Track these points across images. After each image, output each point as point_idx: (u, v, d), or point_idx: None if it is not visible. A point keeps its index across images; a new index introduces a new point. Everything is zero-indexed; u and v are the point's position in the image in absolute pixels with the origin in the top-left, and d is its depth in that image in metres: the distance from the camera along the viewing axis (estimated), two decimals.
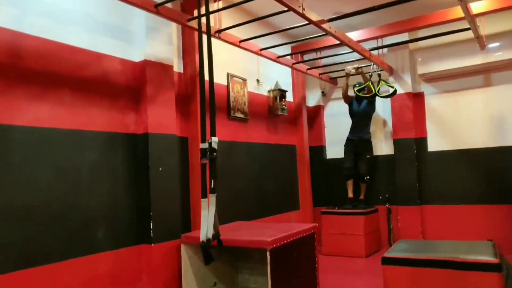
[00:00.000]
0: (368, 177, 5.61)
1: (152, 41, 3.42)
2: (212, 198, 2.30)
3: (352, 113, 5.75)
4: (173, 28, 3.75)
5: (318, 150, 6.34)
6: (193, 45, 3.85)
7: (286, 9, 3.27)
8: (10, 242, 2.46)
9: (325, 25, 3.69)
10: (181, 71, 3.89)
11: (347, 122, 5.89)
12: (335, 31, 3.89)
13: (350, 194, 5.72)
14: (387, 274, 2.66)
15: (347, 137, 5.78)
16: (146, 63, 3.35)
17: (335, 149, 6.25)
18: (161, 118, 3.42)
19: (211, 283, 3.67)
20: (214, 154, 2.31)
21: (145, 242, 3.25)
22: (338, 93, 6.20)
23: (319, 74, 5.70)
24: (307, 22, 3.58)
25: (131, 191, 3.26)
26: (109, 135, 3.14)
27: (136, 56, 3.37)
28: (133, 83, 3.34)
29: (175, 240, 3.39)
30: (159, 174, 3.34)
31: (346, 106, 5.87)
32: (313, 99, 6.45)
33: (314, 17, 3.51)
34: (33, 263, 2.55)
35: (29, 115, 2.62)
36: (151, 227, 3.22)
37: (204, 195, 2.34)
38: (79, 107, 2.94)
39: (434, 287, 2.57)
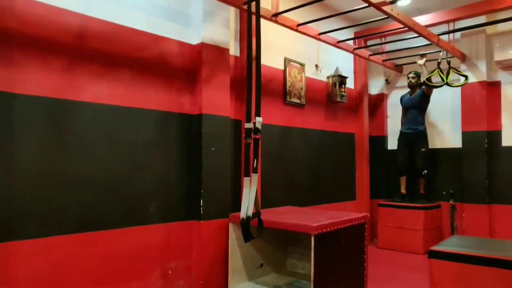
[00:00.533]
0: (425, 171, 5.31)
1: (209, 24, 3.49)
2: (254, 177, 2.33)
3: (402, 104, 5.51)
4: (231, 12, 3.80)
5: (379, 140, 6.11)
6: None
7: None
8: (72, 206, 2.70)
9: (386, 7, 3.52)
10: (238, 54, 3.94)
11: None
12: (398, 14, 3.69)
13: (403, 190, 5.50)
14: (433, 269, 2.52)
15: (400, 130, 5.53)
16: (202, 46, 3.43)
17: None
18: (216, 100, 3.51)
19: (258, 264, 3.73)
20: (258, 134, 2.34)
21: (195, 218, 3.38)
22: (403, 81, 5.90)
23: (383, 60, 5.45)
24: (366, 4, 3.44)
25: (184, 168, 3.40)
26: (165, 114, 3.29)
27: (193, 38, 3.47)
28: (189, 65, 3.45)
29: (224, 219, 3.48)
30: (211, 153, 3.44)
31: None
32: (376, 87, 6.20)
33: None
34: (91, 227, 2.78)
35: (91, 92, 2.82)
36: (201, 204, 3.34)
37: (247, 174, 2.37)
38: (138, 86, 3.10)
39: (483, 287, 2.37)
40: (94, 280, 2.78)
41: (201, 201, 3.35)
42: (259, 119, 2.32)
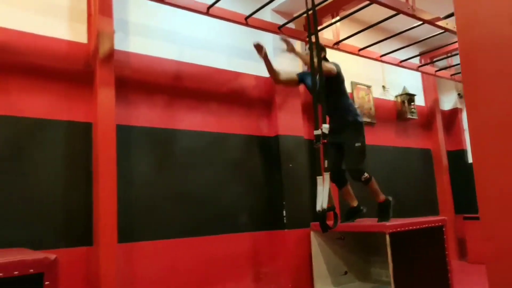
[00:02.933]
0: (366, 175, 3.45)
1: (279, 58, 4.03)
2: (326, 175, 2.69)
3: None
4: (297, 46, 4.32)
5: (458, 155, 6.04)
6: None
7: (395, 13, 3.54)
8: (176, 215, 3.28)
9: (440, 22, 3.79)
10: None
11: None
12: (454, 27, 3.93)
13: (353, 203, 3.68)
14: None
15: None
16: None
17: None
18: (290, 122, 3.98)
19: (342, 272, 3.95)
20: (326, 138, 2.73)
21: (279, 228, 3.78)
22: None
23: (451, 75, 5.55)
24: (421, 22, 3.75)
25: (267, 183, 3.87)
26: (248, 137, 3.83)
27: (266, 72, 4.02)
28: (264, 95, 4.00)
29: (305, 228, 3.82)
30: (289, 169, 3.87)
31: None
32: (448, 101, 6.23)
33: (427, 16, 3.66)
34: (192, 233, 3.33)
35: (188, 121, 3.47)
36: (284, 215, 3.74)
37: (319, 174, 2.74)
38: (224, 114, 3.70)
39: None
40: (196, 280, 3.27)
41: (284, 212, 3.75)
42: (325, 126, 2.71)
